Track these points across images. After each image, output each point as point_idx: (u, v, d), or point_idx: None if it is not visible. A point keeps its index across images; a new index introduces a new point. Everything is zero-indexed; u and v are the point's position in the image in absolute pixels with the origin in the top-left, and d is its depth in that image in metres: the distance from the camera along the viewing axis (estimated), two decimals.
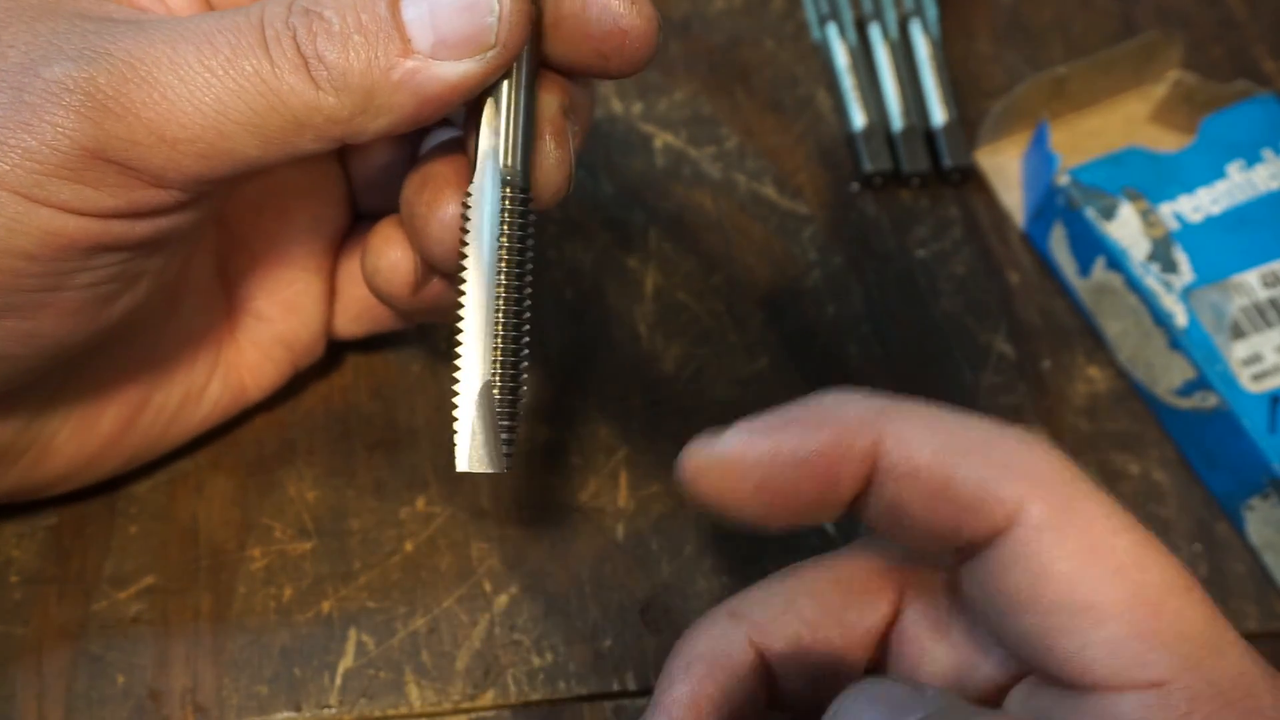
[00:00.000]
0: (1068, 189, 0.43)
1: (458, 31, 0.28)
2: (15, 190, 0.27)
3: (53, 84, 0.27)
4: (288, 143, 0.28)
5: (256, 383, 0.38)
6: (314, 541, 0.37)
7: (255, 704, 0.35)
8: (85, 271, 0.29)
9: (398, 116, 0.29)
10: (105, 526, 0.37)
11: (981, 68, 0.49)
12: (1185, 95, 0.47)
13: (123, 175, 0.28)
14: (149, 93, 0.27)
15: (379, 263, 0.34)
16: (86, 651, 0.35)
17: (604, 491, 0.39)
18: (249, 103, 0.28)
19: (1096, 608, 0.25)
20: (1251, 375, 0.39)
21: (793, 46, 0.49)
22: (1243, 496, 0.39)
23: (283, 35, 0.28)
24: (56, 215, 0.28)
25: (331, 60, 0.28)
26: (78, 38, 0.28)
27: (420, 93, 0.28)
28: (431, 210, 0.32)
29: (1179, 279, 0.41)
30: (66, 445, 0.34)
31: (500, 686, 0.36)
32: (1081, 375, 0.42)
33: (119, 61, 0.27)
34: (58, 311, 0.29)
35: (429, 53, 0.28)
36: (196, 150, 0.28)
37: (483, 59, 0.28)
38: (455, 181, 0.32)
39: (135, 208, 0.28)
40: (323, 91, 0.28)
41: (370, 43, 0.28)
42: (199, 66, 0.27)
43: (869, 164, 0.45)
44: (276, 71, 0.28)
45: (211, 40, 0.28)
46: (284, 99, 0.28)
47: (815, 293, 0.43)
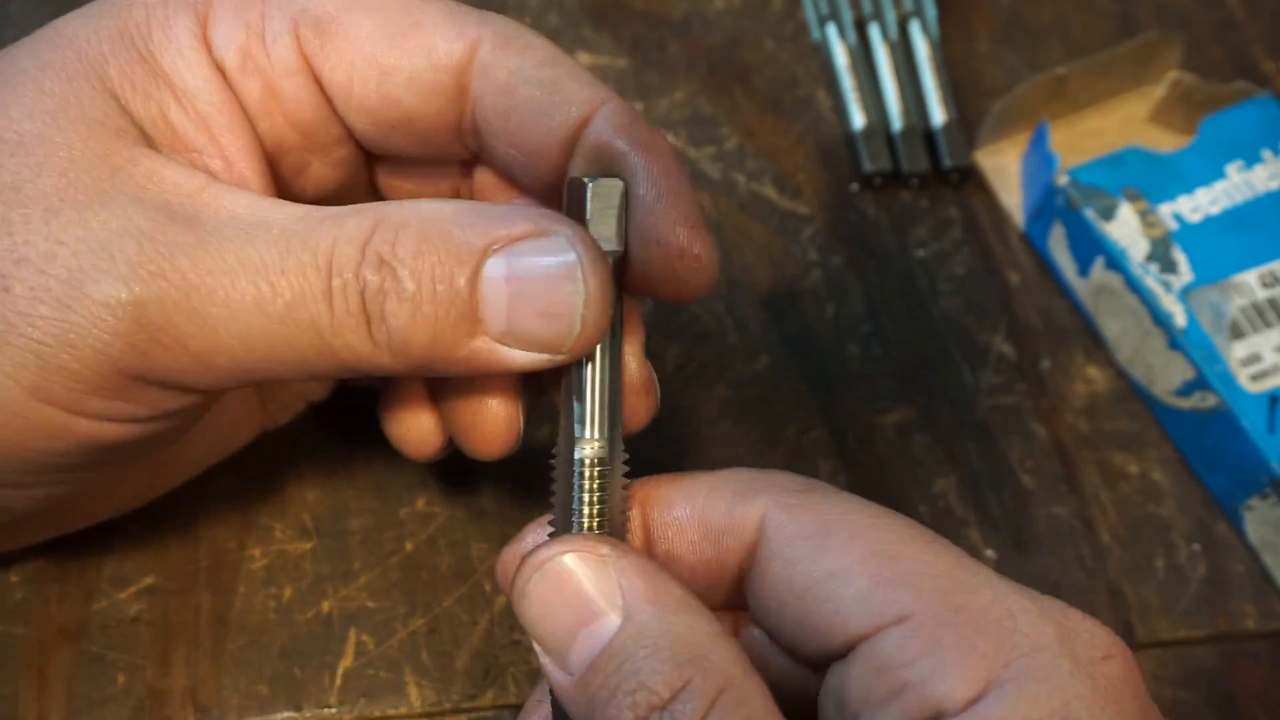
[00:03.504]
0: (1067, 189, 0.43)
1: (533, 333, 0.27)
2: (53, 404, 0.27)
3: (100, 306, 0.26)
4: (319, 367, 0.27)
5: (273, 423, 0.38)
6: (314, 541, 0.37)
7: (255, 704, 0.35)
8: (115, 457, 0.29)
9: (446, 374, 0.28)
10: (105, 526, 0.37)
11: (981, 68, 0.49)
12: (1184, 95, 0.47)
13: (160, 391, 0.28)
14: (199, 326, 0.26)
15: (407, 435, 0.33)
16: (87, 651, 0.35)
17: None
18: (299, 349, 0.27)
19: (839, 571, 0.26)
20: (1250, 375, 0.40)
21: (793, 47, 0.49)
22: (1242, 496, 0.39)
23: (350, 287, 0.26)
24: (92, 425, 0.28)
25: (395, 326, 0.26)
26: (132, 245, 0.26)
27: (478, 369, 0.27)
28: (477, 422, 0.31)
29: (1178, 279, 0.41)
30: (85, 507, 0.35)
31: (500, 686, 0.36)
32: (1081, 375, 0.42)
33: (172, 286, 0.26)
34: (89, 480, 0.30)
35: (497, 339, 0.27)
36: (237, 374, 0.27)
37: (550, 357, 0.27)
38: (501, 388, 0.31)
39: (168, 413, 0.28)
40: (379, 350, 0.27)
41: (441, 316, 0.26)
42: (255, 309, 0.26)
43: (869, 164, 0.45)
44: (335, 326, 0.26)
45: (274, 283, 0.26)
46: (336, 350, 0.27)
47: (815, 293, 0.43)
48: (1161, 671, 0.37)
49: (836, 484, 0.39)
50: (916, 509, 0.39)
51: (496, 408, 0.31)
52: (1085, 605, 0.38)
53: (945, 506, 0.39)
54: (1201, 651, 0.38)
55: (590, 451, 0.28)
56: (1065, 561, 0.39)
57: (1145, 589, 0.39)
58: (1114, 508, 0.40)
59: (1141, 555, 0.39)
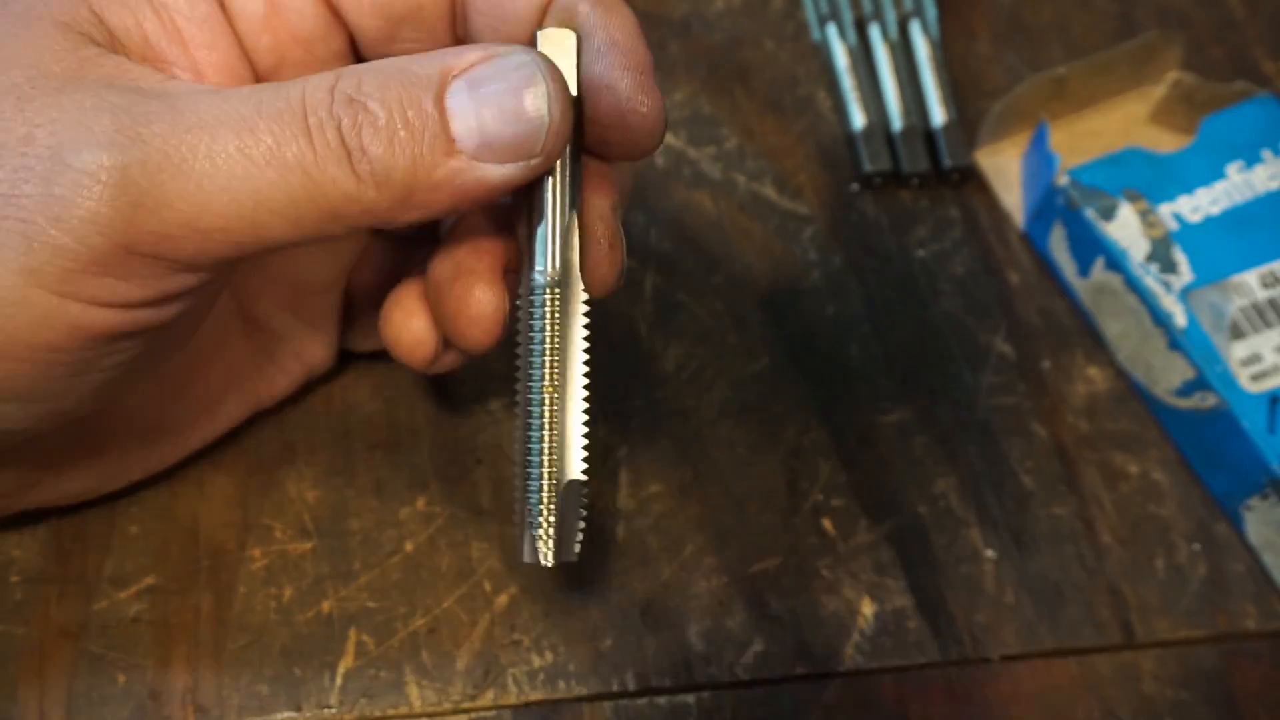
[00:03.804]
0: (1067, 189, 0.43)
1: (504, 138, 0.28)
2: (44, 287, 0.26)
3: (83, 175, 0.26)
4: (319, 230, 0.28)
5: (270, 393, 0.38)
6: (314, 541, 0.37)
7: (256, 704, 0.35)
8: (111, 355, 0.29)
9: (433, 211, 0.28)
10: (106, 526, 0.37)
11: (981, 68, 0.49)
12: (1185, 95, 0.47)
13: (152, 266, 0.27)
14: (184, 183, 0.26)
15: (400, 337, 0.34)
16: (87, 651, 0.35)
17: (604, 491, 0.39)
18: (288, 192, 0.27)
19: None
20: (1250, 375, 0.40)
21: (793, 47, 0.49)
22: (1242, 496, 0.39)
23: (327, 124, 0.27)
24: (85, 309, 0.27)
25: (375, 154, 0.27)
26: (108, 117, 0.27)
27: (459, 192, 0.28)
28: (462, 306, 0.31)
29: (1178, 279, 0.41)
30: (78, 471, 0.35)
31: (500, 686, 0.36)
32: (1081, 375, 0.42)
33: (153, 149, 0.26)
34: (81, 393, 0.29)
35: (473, 154, 0.28)
36: (229, 238, 0.27)
37: (526, 165, 0.28)
38: (486, 275, 0.32)
39: (163, 296, 0.28)
40: (364, 184, 0.27)
41: (415, 140, 0.27)
42: (239, 157, 0.27)
43: (869, 164, 0.45)
44: (320, 162, 0.27)
45: (253, 128, 0.27)
46: (324, 190, 0.27)
47: (815, 293, 0.43)
48: (1161, 671, 0.37)
49: (836, 484, 0.39)
50: (916, 509, 0.39)
51: (482, 293, 0.31)
52: (1085, 605, 0.38)
53: (945, 506, 0.39)
54: (1201, 651, 0.38)
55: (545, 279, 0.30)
56: (1065, 561, 0.39)
57: (1145, 589, 0.39)
58: (1114, 508, 0.40)
59: (1141, 555, 0.39)
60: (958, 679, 0.37)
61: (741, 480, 0.39)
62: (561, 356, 0.30)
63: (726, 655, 0.36)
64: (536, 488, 0.31)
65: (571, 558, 0.31)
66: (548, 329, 0.30)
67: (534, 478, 0.31)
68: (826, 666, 0.37)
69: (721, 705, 0.36)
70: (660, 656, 0.36)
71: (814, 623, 0.37)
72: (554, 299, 0.30)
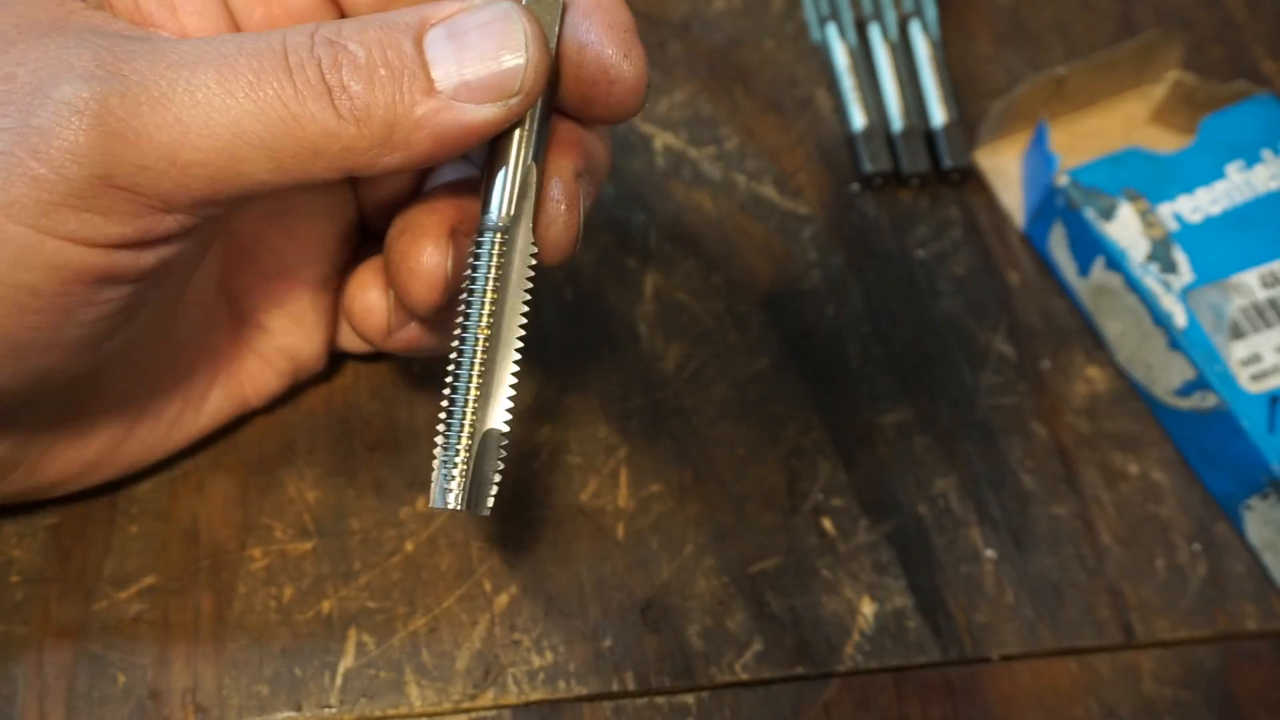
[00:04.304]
0: (1067, 189, 0.43)
1: (483, 76, 0.28)
2: (21, 221, 0.26)
3: (62, 105, 0.26)
4: (301, 169, 0.28)
5: (257, 391, 0.38)
6: (314, 541, 0.37)
7: (256, 704, 0.35)
8: (90, 307, 0.28)
9: (414, 153, 0.28)
10: (106, 526, 0.37)
11: (981, 68, 0.49)
12: (1185, 95, 0.47)
13: (131, 202, 0.27)
14: (163, 115, 0.27)
15: (354, 304, 0.35)
16: (87, 651, 0.35)
17: (604, 491, 0.39)
18: (267, 126, 0.27)
19: None
20: (1250, 375, 0.40)
21: (793, 47, 0.49)
22: (1242, 496, 0.39)
23: (307, 63, 0.27)
24: (63, 247, 0.27)
25: (355, 91, 0.27)
26: (89, 54, 0.27)
27: (439, 132, 0.28)
28: (405, 259, 0.32)
29: (1178, 279, 0.41)
30: (62, 456, 0.34)
31: (500, 686, 0.36)
32: (1081, 375, 0.42)
33: (132, 82, 0.27)
34: (62, 349, 0.29)
35: (452, 94, 0.28)
36: (207, 174, 0.27)
37: (504, 105, 0.28)
38: (433, 230, 0.32)
39: (142, 236, 0.28)
40: (344, 120, 0.28)
41: (395, 78, 0.28)
42: (218, 89, 0.27)
43: (869, 164, 0.45)
44: (299, 97, 0.27)
45: (233, 64, 0.27)
46: (303, 125, 0.27)
47: (815, 293, 0.43)
48: (1161, 671, 0.37)
49: (836, 483, 0.39)
50: (916, 509, 0.39)
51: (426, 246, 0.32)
52: (1085, 605, 0.38)
53: (945, 506, 0.39)
54: (1201, 651, 0.38)
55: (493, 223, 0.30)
56: (1065, 561, 0.39)
57: (1145, 589, 0.39)
58: (1114, 508, 0.40)
59: (1141, 555, 0.39)
60: (957, 679, 0.37)
61: (741, 480, 0.39)
62: (499, 304, 0.30)
63: (726, 655, 0.36)
64: (456, 431, 0.31)
65: (483, 510, 0.31)
66: (488, 272, 0.30)
67: (455, 420, 0.31)
68: (826, 666, 0.37)
69: (721, 705, 0.36)
70: (660, 656, 0.36)
71: (814, 623, 0.37)
72: (499, 243, 0.30)
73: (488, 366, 0.31)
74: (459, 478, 0.31)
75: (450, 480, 0.31)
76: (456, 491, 0.31)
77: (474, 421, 0.31)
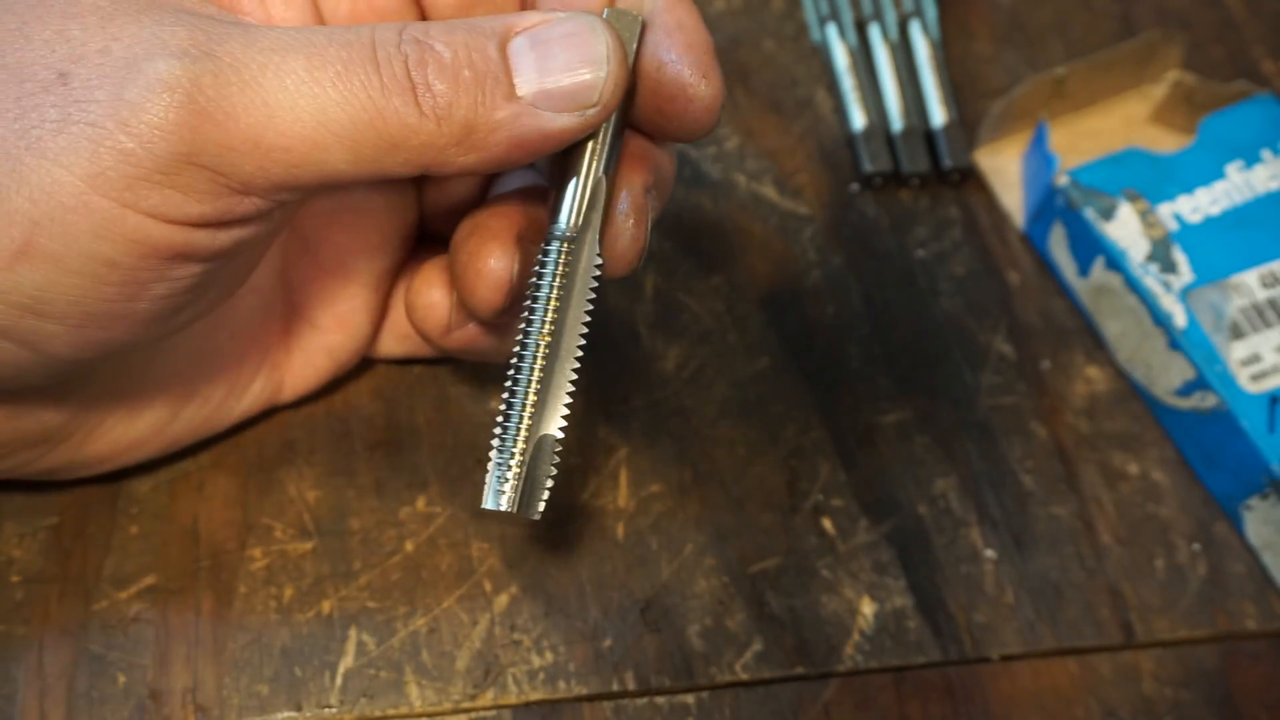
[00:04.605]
0: (1067, 189, 0.43)
1: (563, 86, 0.29)
2: (106, 194, 0.27)
3: (155, 81, 0.27)
4: (377, 161, 0.28)
5: (294, 385, 0.38)
6: (314, 541, 0.37)
7: (256, 703, 0.35)
8: (162, 283, 0.29)
9: (489, 156, 0.29)
10: (106, 526, 0.37)
11: (981, 68, 0.49)
12: (1185, 95, 0.47)
13: (213, 182, 0.28)
14: (251, 97, 0.27)
15: (417, 300, 0.35)
16: (87, 651, 0.35)
17: (604, 491, 0.39)
18: (351, 116, 0.28)
19: None
20: (1250, 375, 0.40)
21: (793, 47, 0.49)
22: (1242, 496, 0.39)
23: (394, 59, 0.28)
24: (144, 222, 0.27)
25: (439, 90, 0.28)
26: (184, 33, 0.27)
27: (516, 137, 0.29)
28: (472, 261, 0.32)
29: (1178, 279, 0.41)
30: (112, 431, 0.35)
31: (500, 686, 0.36)
32: (1081, 375, 0.42)
33: (224, 64, 0.27)
34: (130, 322, 0.29)
35: (531, 101, 0.29)
36: (289, 159, 0.28)
37: (582, 115, 0.29)
38: (501, 235, 0.32)
39: (221, 216, 0.28)
40: (425, 118, 0.28)
41: (479, 80, 0.28)
42: (306, 77, 0.27)
43: (869, 164, 0.46)
44: (385, 91, 0.28)
45: (322, 53, 0.28)
46: (386, 118, 0.28)
47: (815, 293, 0.43)
48: (1161, 671, 0.37)
49: (836, 483, 0.39)
50: (916, 509, 0.39)
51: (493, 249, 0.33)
52: (1085, 605, 0.38)
53: (945, 506, 0.39)
54: (1201, 651, 0.38)
55: (562, 232, 0.31)
56: (1065, 561, 0.39)
57: (1145, 589, 0.39)
58: (1114, 508, 0.40)
59: (1141, 555, 0.39)
60: (957, 679, 0.37)
61: (741, 480, 0.39)
62: (561, 312, 0.31)
63: (726, 655, 0.36)
64: (513, 434, 0.31)
65: (535, 514, 0.31)
66: (554, 280, 0.31)
67: (512, 423, 0.31)
68: (826, 666, 0.37)
69: (721, 705, 0.36)
70: (660, 656, 0.36)
71: (814, 622, 0.37)
72: (565, 252, 0.31)
73: (546, 372, 0.31)
74: (513, 480, 0.31)
75: (504, 483, 0.31)
76: (510, 494, 0.31)
77: (530, 426, 0.31)
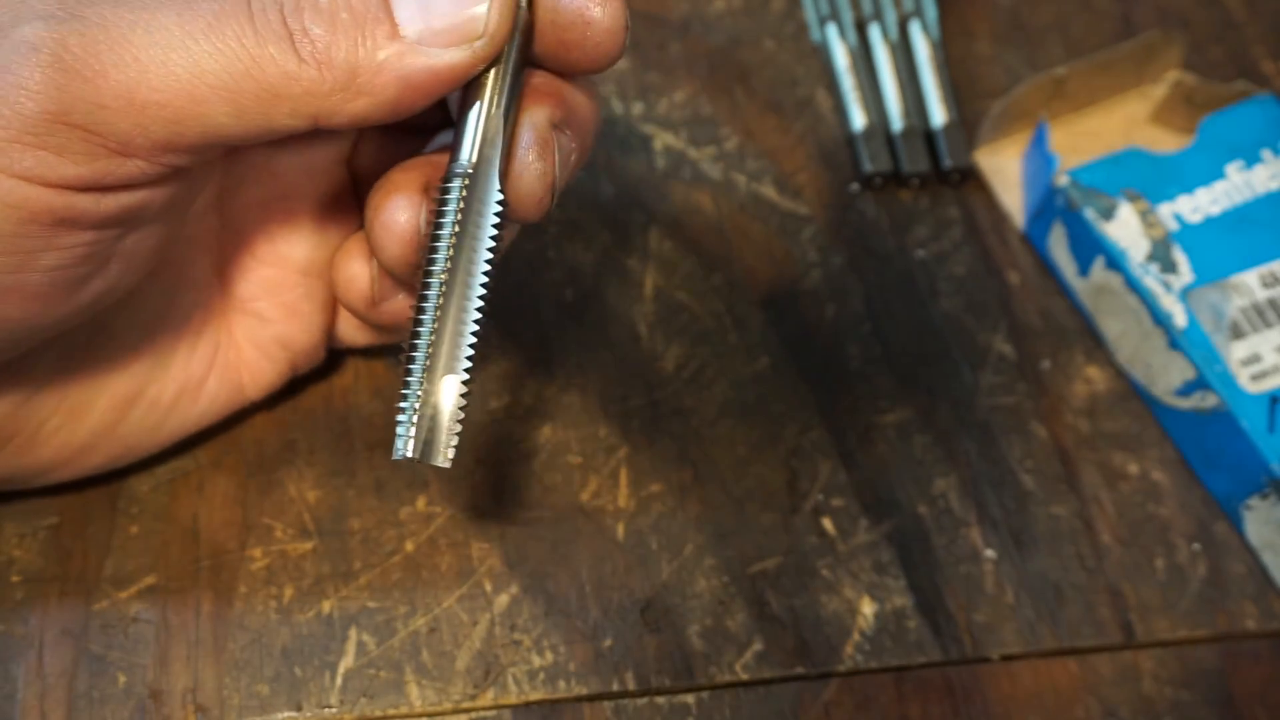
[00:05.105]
0: (1067, 189, 0.43)
1: (447, 19, 0.28)
2: None
3: (21, 44, 0.27)
4: (262, 114, 0.28)
5: (254, 382, 0.38)
6: (315, 541, 0.37)
7: (256, 703, 0.35)
8: (50, 251, 0.28)
9: (378, 100, 0.28)
10: (106, 526, 0.37)
11: (981, 68, 0.49)
12: (1185, 96, 0.47)
13: (88, 142, 0.27)
14: (120, 54, 0.27)
15: (339, 274, 0.35)
16: (88, 651, 0.35)
17: (604, 491, 0.39)
18: (225, 67, 0.27)
19: None
20: (1250, 375, 0.40)
21: (793, 47, 0.49)
22: (1242, 496, 0.39)
23: (269, 7, 0.28)
24: (19, 185, 0.27)
25: (316, 34, 0.28)
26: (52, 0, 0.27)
27: (404, 77, 0.28)
28: (376, 215, 0.32)
29: (1178, 279, 0.41)
30: (57, 433, 0.34)
31: (500, 686, 0.36)
32: (1081, 375, 0.42)
33: (92, 23, 0.27)
34: (23, 296, 0.29)
35: (416, 38, 0.28)
36: (166, 115, 0.27)
37: (470, 48, 0.29)
38: (406, 186, 0.32)
39: (101, 178, 0.28)
40: (305, 64, 0.28)
41: (358, 22, 0.28)
42: (177, 30, 0.27)
43: (869, 164, 0.46)
44: (259, 39, 0.28)
45: (193, 6, 0.28)
46: (263, 67, 0.28)
47: (815, 293, 0.43)
48: (1161, 671, 0.37)
49: (836, 483, 0.39)
50: (916, 509, 0.39)
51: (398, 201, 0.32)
52: (1085, 605, 0.38)
53: (945, 506, 0.39)
54: (1201, 651, 0.38)
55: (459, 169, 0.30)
56: (1065, 561, 0.39)
57: (1145, 589, 0.39)
58: (1114, 508, 0.40)
59: (1141, 555, 0.39)
60: (957, 679, 0.37)
61: (741, 480, 0.39)
62: (460, 250, 0.30)
63: (726, 655, 0.36)
64: (415, 379, 0.30)
65: (441, 460, 0.30)
66: (453, 217, 0.30)
67: (415, 367, 0.30)
68: (826, 666, 0.37)
69: (721, 705, 0.36)
70: (660, 656, 0.36)
71: (814, 622, 0.37)
72: (464, 188, 0.30)
73: (445, 312, 0.30)
74: (415, 427, 0.30)
75: (408, 429, 0.30)
76: (410, 439, 0.30)
77: (429, 368, 0.30)
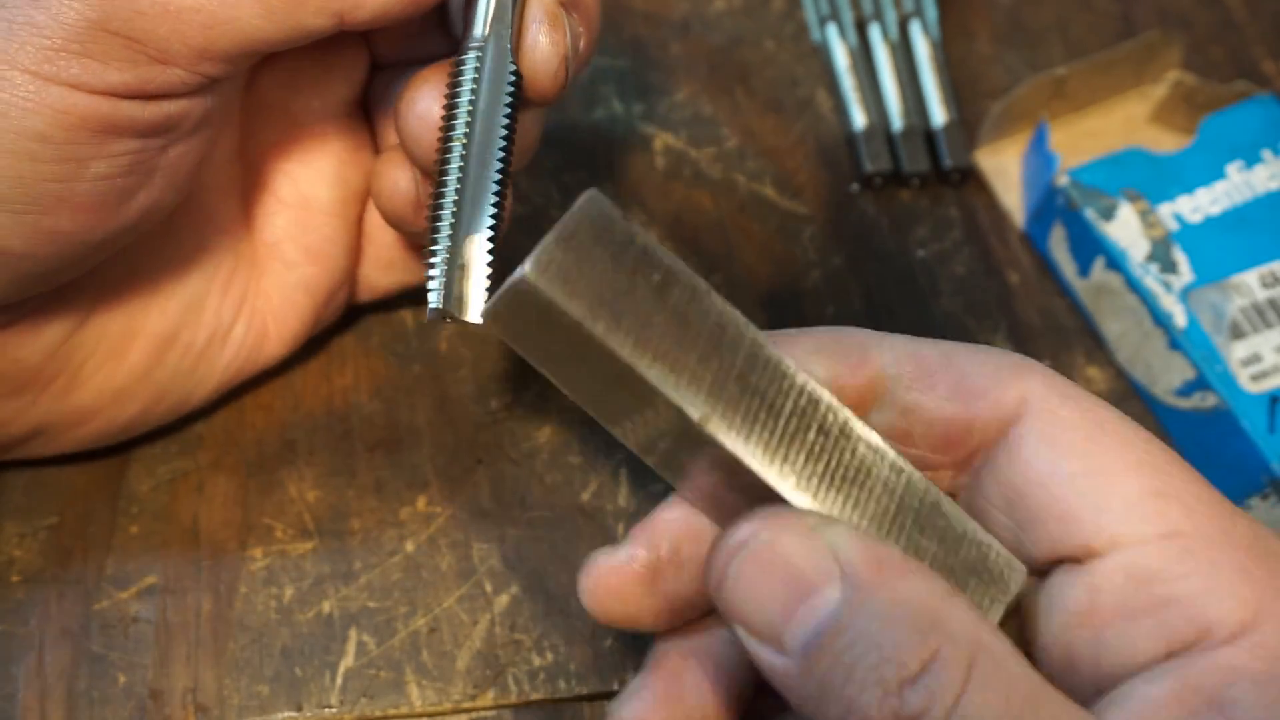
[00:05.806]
0: (1067, 189, 0.43)
1: None
2: (25, 69, 0.28)
3: None
4: (290, 14, 0.29)
5: (279, 330, 0.38)
6: (315, 541, 0.37)
7: (256, 703, 0.35)
8: (99, 160, 0.30)
9: None
10: (106, 526, 0.37)
11: (981, 68, 0.49)
12: (1185, 96, 0.47)
13: (129, 49, 0.29)
14: None
15: (380, 185, 0.35)
16: (88, 651, 0.35)
17: (605, 491, 0.39)
18: None
19: (1110, 472, 0.25)
20: (1250, 375, 0.40)
21: (793, 47, 0.49)
22: (1242, 496, 0.39)
23: None
24: (67, 92, 0.28)
25: None
26: None
27: None
28: (409, 106, 0.33)
29: (1178, 279, 0.41)
30: (96, 374, 0.35)
31: (501, 686, 0.36)
32: (1081, 375, 0.42)
33: None
34: (75, 206, 0.30)
35: None
36: (200, 20, 0.29)
37: None
38: (432, 78, 0.33)
39: (144, 85, 0.29)
40: None
41: None
42: None
43: (869, 164, 0.45)
44: None
45: None
46: None
47: (815, 293, 0.43)
48: None
49: None
50: None
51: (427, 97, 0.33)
52: None
53: None
54: None
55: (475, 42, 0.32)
56: None
57: None
58: None
59: None
60: None
61: None
62: (478, 115, 0.32)
63: None
64: (443, 235, 0.32)
65: (471, 315, 0.32)
66: (471, 83, 0.32)
67: (442, 225, 0.32)
68: None
69: None
70: None
71: None
72: (478, 59, 0.32)
73: (468, 174, 0.32)
74: (445, 279, 0.32)
75: (439, 282, 0.32)
76: (441, 292, 0.32)
77: (455, 225, 0.32)
